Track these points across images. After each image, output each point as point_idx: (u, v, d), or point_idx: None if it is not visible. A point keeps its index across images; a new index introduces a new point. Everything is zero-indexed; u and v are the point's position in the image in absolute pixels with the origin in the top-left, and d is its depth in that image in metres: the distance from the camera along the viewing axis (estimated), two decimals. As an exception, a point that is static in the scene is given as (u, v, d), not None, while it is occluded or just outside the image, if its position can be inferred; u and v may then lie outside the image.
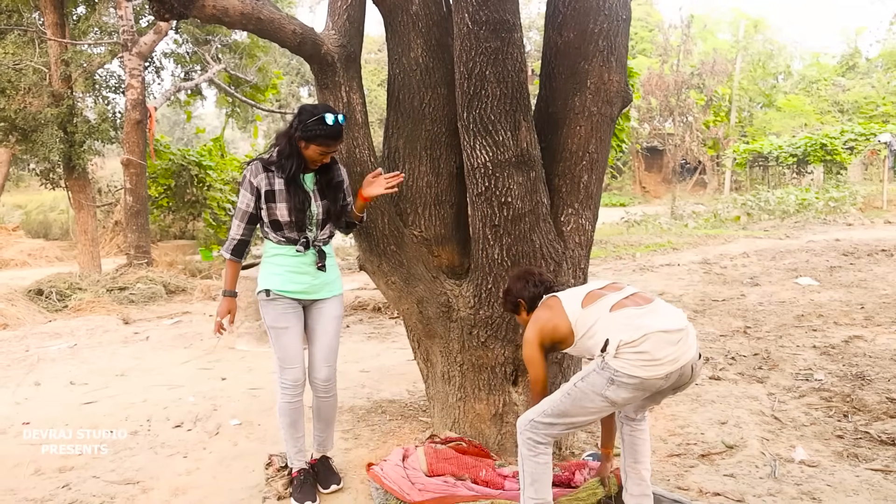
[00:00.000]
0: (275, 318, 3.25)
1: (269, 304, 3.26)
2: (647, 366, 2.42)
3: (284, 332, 3.25)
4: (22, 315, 8.32)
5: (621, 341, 2.44)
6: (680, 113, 26.40)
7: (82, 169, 12.95)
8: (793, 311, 6.82)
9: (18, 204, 27.98)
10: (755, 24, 35.64)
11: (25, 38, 13.17)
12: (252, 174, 3.18)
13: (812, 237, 12.54)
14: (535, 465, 2.67)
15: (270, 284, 3.24)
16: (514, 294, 2.97)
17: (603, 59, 3.52)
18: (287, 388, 3.28)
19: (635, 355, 2.42)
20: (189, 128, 35.85)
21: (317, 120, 3.04)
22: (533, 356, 2.80)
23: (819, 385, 4.62)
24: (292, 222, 3.17)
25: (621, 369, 2.43)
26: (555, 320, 2.74)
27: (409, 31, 3.60)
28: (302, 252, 3.23)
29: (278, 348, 3.26)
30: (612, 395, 2.47)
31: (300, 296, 3.28)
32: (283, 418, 3.34)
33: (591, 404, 2.53)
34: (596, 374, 2.51)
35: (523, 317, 2.97)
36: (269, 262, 3.28)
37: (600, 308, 2.62)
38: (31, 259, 17.14)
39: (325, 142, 3.07)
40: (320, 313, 3.35)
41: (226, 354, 6.31)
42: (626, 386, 2.45)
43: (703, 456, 3.63)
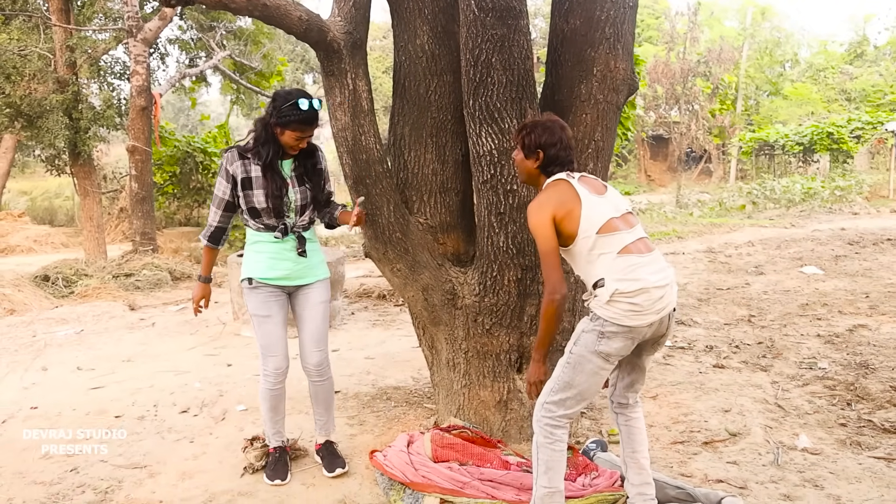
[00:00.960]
0: (257, 306, 3.28)
1: (251, 292, 3.29)
2: (636, 315, 2.50)
3: (266, 321, 3.28)
4: (29, 301, 8.37)
5: (617, 290, 2.50)
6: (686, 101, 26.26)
7: (87, 155, 12.98)
8: (797, 299, 6.81)
9: (24, 190, 28.07)
10: (762, 11, 35.37)
11: (30, 23, 13.16)
12: (228, 162, 3.20)
13: (817, 226, 12.50)
14: (550, 453, 2.67)
15: (252, 272, 3.27)
16: (539, 143, 2.72)
17: (609, 47, 3.51)
18: (269, 376, 3.33)
19: (628, 305, 2.50)
20: (194, 114, 35.81)
21: (290, 105, 3.05)
22: (544, 223, 2.59)
23: (823, 374, 4.63)
24: (269, 209, 3.19)
25: (611, 319, 2.51)
26: (570, 207, 2.59)
27: (415, 17, 3.59)
28: (280, 238, 3.25)
29: (260, 336, 3.29)
30: (604, 348, 2.53)
31: (282, 282, 3.30)
32: (265, 403, 3.40)
33: (590, 365, 2.57)
34: (586, 334, 2.57)
35: (528, 164, 2.77)
36: (250, 249, 3.32)
37: (612, 244, 2.58)
38: (37, 245, 17.21)
39: (299, 127, 3.08)
40: (306, 299, 3.37)
41: (231, 341, 6.34)
42: (615, 336, 2.52)
43: (707, 443, 3.65)
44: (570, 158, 2.75)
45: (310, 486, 3.33)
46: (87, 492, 3.33)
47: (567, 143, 2.74)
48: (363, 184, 3.50)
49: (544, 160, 2.73)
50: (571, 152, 2.76)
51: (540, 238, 2.59)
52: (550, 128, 2.73)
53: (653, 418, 4.01)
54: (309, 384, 3.48)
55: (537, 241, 2.61)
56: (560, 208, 2.59)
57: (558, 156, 2.72)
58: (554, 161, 2.73)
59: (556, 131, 2.73)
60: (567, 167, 2.74)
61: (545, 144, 2.71)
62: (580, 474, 3.20)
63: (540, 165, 2.75)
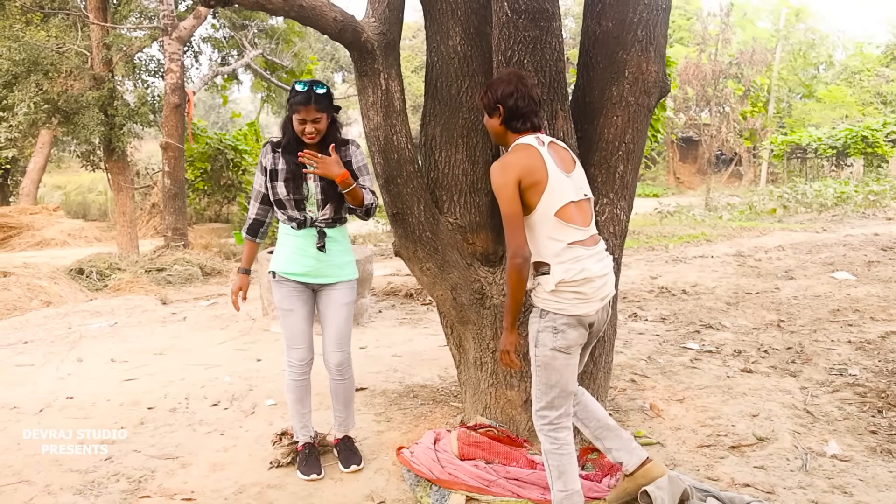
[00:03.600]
0: (280, 300, 3.38)
1: (276, 286, 3.39)
2: (582, 303, 2.60)
3: (289, 314, 3.37)
4: (64, 293, 8.56)
5: (563, 280, 2.58)
6: (717, 103, 26.03)
7: (122, 151, 13.22)
8: (828, 305, 6.74)
9: (58, 185, 28.65)
10: (797, 12, 34.89)
11: (68, 21, 13.43)
12: (262, 155, 3.36)
13: (850, 231, 12.31)
14: (559, 458, 2.72)
15: (275, 266, 3.38)
16: (497, 97, 2.68)
17: (642, 49, 3.51)
18: (293, 367, 3.42)
19: (573, 294, 2.59)
20: (224, 112, 36.24)
21: (291, 91, 3.21)
22: (509, 185, 2.55)
23: (853, 380, 4.58)
24: (290, 199, 3.28)
25: (560, 311, 2.60)
26: (537, 178, 2.58)
27: (448, 19, 3.62)
28: (296, 228, 3.32)
29: (284, 328, 3.40)
30: (562, 342, 2.62)
31: (303, 278, 3.35)
32: (290, 394, 3.47)
33: (557, 361, 2.65)
34: (542, 334, 2.65)
35: (494, 123, 2.75)
36: (279, 243, 3.43)
37: (564, 234, 2.62)
38: (71, 239, 17.53)
39: (295, 107, 3.17)
40: (329, 299, 3.42)
41: (261, 336, 6.43)
42: (568, 327, 2.62)
43: (734, 447, 3.64)
44: (531, 109, 2.70)
45: (337, 480, 3.38)
46: (122, 480, 3.42)
47: (526, 92, 2.67)
48: (394, 183, 3.54)
49: (506, 114, 2.69)
50: (533, 103, 2.70)
51: (504, 200, 2.57)
52: (506, 80, 2.70)
53: (679, 421, 4.00)
54: (329, 381, 3.54)
55: (501, 202, 2.58)
56: (528, 176, 2.57)
57: (517, 106, 2.67)
58: (515, 113, 2.68)
59: (511, 82, 2.68)
60: (530, 120, 2.70)
61: (503, 97, 2.67)
62: (606, 475, 3.21)
63: (503, 121, 2.71)
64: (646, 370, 4.94)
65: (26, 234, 17.28)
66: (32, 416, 4.33)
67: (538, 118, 2.73)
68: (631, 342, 5.72)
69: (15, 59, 11.90)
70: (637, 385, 4.62)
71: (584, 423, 3.01)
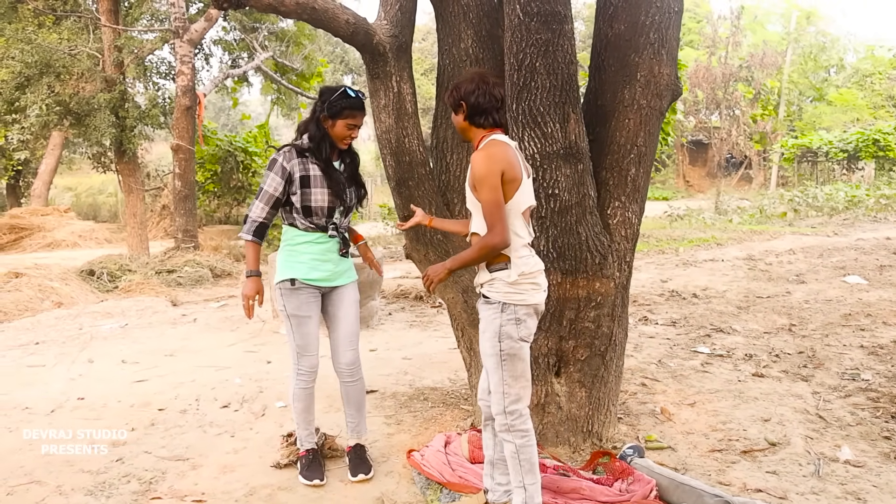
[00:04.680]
0: (297, 307, 3.28)
1: (292, 293, 3.28)
2: (536, 292, 2.76)
3: (307, 321, 3.30)
4: (75, 294, 8.61)
5: (523, 272, 2.71)
6: (727, 106, 25.89)
7: (132, 153, 13.28)
8: (840, 309, 6.70)
9: (69, 186, 28.81)
10: (807, 15, 34.73)
11: (80, 24, 13.51)
12: (285, 159, 3.20)
13: (861, 235, 12.25)
14: (530, 450, 2.77)
15: (296, 273, 3.27)
16: (461, 94, 2.77)
17: (654, 52, 3.51)
18: (303, 375, 3.37)
19: (529, 285, 2.74)
20: (234, 114, 36.35)
21: (340, 94, 3.14)
22: (495, 174, 2.62)
23: (866, 385, 4.55)
24: (326, 208, 3.23)
25: (520, 302, 2.72)
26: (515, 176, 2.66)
27: (460, 21, 3.62)
28: (334, 237, 3.30)
29: (299, 336, 3.32)
30: (525, 331, 2.74)
31: (322, 283, 3.33)
32: (298, 403, 3.42)
33: (521, 351, 2.76)
34: (505, 327, 2.72)
35: (458, 119, 2.82)
36: (293, 250, 3.31)
37: (523, 233, 2.75)
38: (81, 240, 17.63)
39: (351, 113, 3.15)
40: (340, 298, 3.41)
41: (270, 338, 6.44)
42: (528, 317, 2.75)
43: (745, 452, 3.62)
44: (494, 107, 2.76)
45: (348, 483, 3.37)
46: (133, 481, 3.42)
47: (487, 90, 2.74)
48: (406, 186, 3.55)
49: (468, 110, 2.76)
50: (494, 100, 2.76)
51: (490, 188, 2.62)
52: (469, 79, 2.79)
53: (690, 425, 3.98)
54: (340, 385, 3.50)
55: (485, 190, 2.63)
56: (509, 170, 2.66)
57: (479, 103, 2.73)
58: (477, 109, 2.75)
59: (474, 80, 2.77)
60: (492, 116, 2.76)
61: (465, 94, 2.76)
62: (617, 479, 3.19)
63: (466, 116, 2.78)
64: (656, 374, 4.93)
65: (37, 236, 17.40)
66: (44, 416, 4.35)
67: (499, 115, 2.80)
68: (641, 346, 5.70)
69: (27, 61, 11.98)
70: (648, 389, 4.60)
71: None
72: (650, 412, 4.18)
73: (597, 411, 3.65)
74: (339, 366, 3.44)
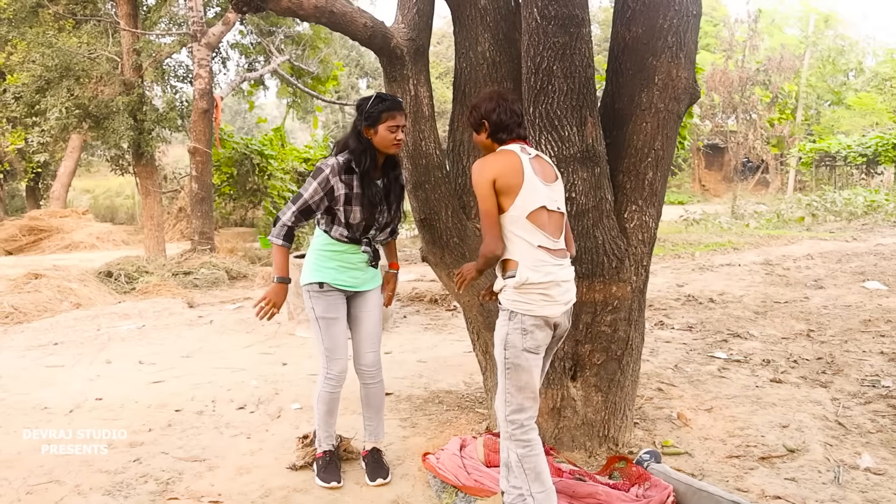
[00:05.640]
0: (326, 309, 3.30)
1: (320, 296, 3.30)
2: (548, 305, 2.71)
3: (334, 323, 3.32)
4: (93, 296, 8.67)
5: (528, 279, 2.68)
6: (744, 110, 25.71)
7: (150, 156, 13.38)
8: (859, 315, 6.63)
9: (87, 188, 29.07)
10: (826, 18, 34.42)
11: (100, 28, 13.65)
12: (332, 172, 3.15)
13: (881, 240, 12.11)
14: (534, 459, 2.76)
15: (325, 277, 3.29)
16: (481, 113, 2.83)
17: (672, 56, 3.49)
18: (331, 379, 3.36)
19: (539, 296, 2.70)
20: (250, 117, 36.57)
21: (375, 100, 3.13)
22: (484, 183, 2.69)
23: (886, 392, 4.50)
24: (363, 225, 3.24)
25: (527, 312, 2.69)
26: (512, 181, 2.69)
27: (477, 25, 3.62)
28: (367, 252, 3.32)
29: (327, 338, 3.32)
30: (531, 343, 2.71)
31: (350, 288, 3.35)
32: (322, 406, 3.42)
33: (526, 362, 2.73)
34: (511, 336, 2.72)
35: (482, 138, 2.88)
36: (322, 254, 3.31)
37: (534, 236, 2.72)
38: (99, 242, 17.76)
39: (391, 113, 3.11)
40: (364, 301, 3.43)
41: (286, 340, 6.46)
42: (536, 328, 2.71)
43: (764, 458, 3.59)
44: (516, 122, 2.82)
45: (363, 485, 3.38)
46: (150, 482, 3.45)
47: (508, 107, 2.81)
48: (422, 188, 3.55)
49: (491, 128, 2.82)
50: (516, 115, 2.82)
51: (479, 197, 2.72)
52: (488, 97, 2.86)
53: (707, 431, 3.95)
54: (360, 387, 3.52)
55: (478, 198, 2.73)
56: (502, 177, 2.69)
57: (501, 119, 2.79)
58: (500, 126, 2.81)
59: (493, 98, 2.83)
60: (515, 131, 2.82)
61: (486, 113, 2.81)
62: (633, 484, 3.18)
63: (489, 135, 2.84)
64: (673, 379, 4.90)
65: (56, 237, 17.55)
66: (63, 416, 4.38)
67: (522, 129, 2.86)
68: (657, 350, 5.67)
69: (48, 64, 12.10)
70: (664, 394, 4.57)
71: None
72: (667, 417, 4.16)
73: (613, 416, 3.63)
74: (361, 366, 3.46)
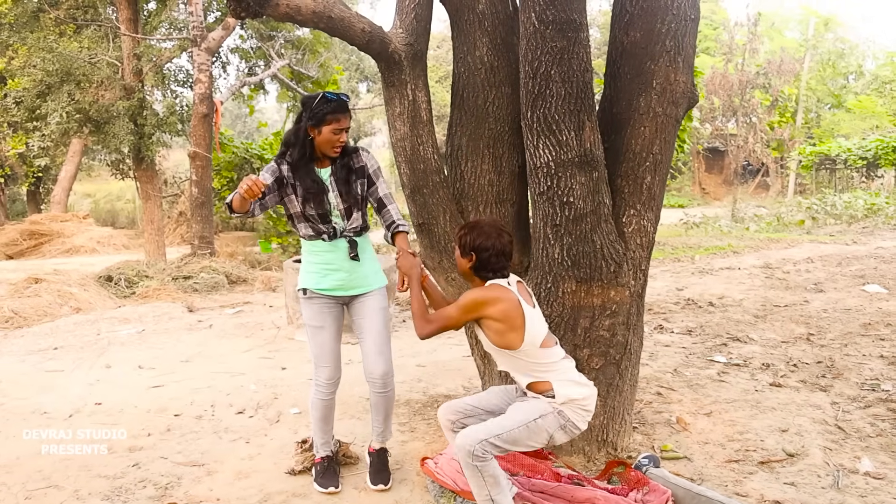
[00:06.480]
0: (311, 317, 3.32)
1: (306, 303, 3.32)
2: (585, 418, 2.81)
3: (319, 331, 3.31)
4: (93, 300, 8.68)
5: (571, 398, 2.75)
6: (744, 113, 25.75)
7: (150, 160, 13.40)
8: (859, 318, 6.62)
9: (88, 193, 29.11)
10: (826, 21, 34.47)
11: (100, 32, 13.68)
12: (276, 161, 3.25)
13: (881, 243, 12.11)
14: (493, 467, 2.75)
15: (307, 283, 3.31)
16: (474, 245, 2.82)
17: (670, 60, 3.50)
18: (321, 386, 3.36)
19: (582, 411, 2.78)
20: (250, 121, 36.59)
21: (320, 100, 3.10)
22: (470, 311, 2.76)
23: (887, 396, 4.49)
24: (314, 214, 3.22)
25: (574, 420, 2.76)
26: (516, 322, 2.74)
27: (475, 29, 3.63)
28: (327, 241, 3.26)
29: (313, 346, 3.33)
30: (558, 437, 2.78)
31: (337, 292, 3.31)
32: (315, 412, 3.42)
33: (538, 439, 2.77)
34: (552, 416, 2.75)
35: (464, 262, 2.87)
36: (305, 260, 3.35)
37: (553, 355, 2.83)
38: (100, 246, 17.79)
39: (335, 116, 3.08)
40: (363, 308, 3.37)
41: (285, 345, 6.46)
42: (570, 433, 2.79)
43: (763, 463, 3.58)
44: (502, 265, 2.84)
45: (362, 490, 3.37)
46: (149, 487, 3.44)
47: (502, 249, 2.82)
48: (420, 193, 3.56)
49: (477, 262, 2.83)
50: (505, 259, 2.84)
51: (463, 308, 2.76)
52: (487, 232, 2.83)
53: (707, 435, 3.95)
54: (371, 394, 3.44)
55: (459, 310, 2.76)
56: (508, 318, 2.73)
57: (489, 261, 2.81)
58: (486, 266, 2.82)
59: (492, 236, 2.81)
60: (499, 273, 2.84)
61: (479, 248, 2.81)
62: (632, 489, 3.17)
63: (472, 266, 2.85)
64: (672, 383, 4.89)
65: (57, 241, 17.58)
66: (62, 421, 4.38)
67: (506, 270, 2.88)
68: (657, 354, 5.67)
69: (48, 69, 12.14)
70: (663, 398, 4.56)
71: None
72: (666, 421, 4.15)
73: (612, 420, 3.63)
74: (371, 377, 3.37)
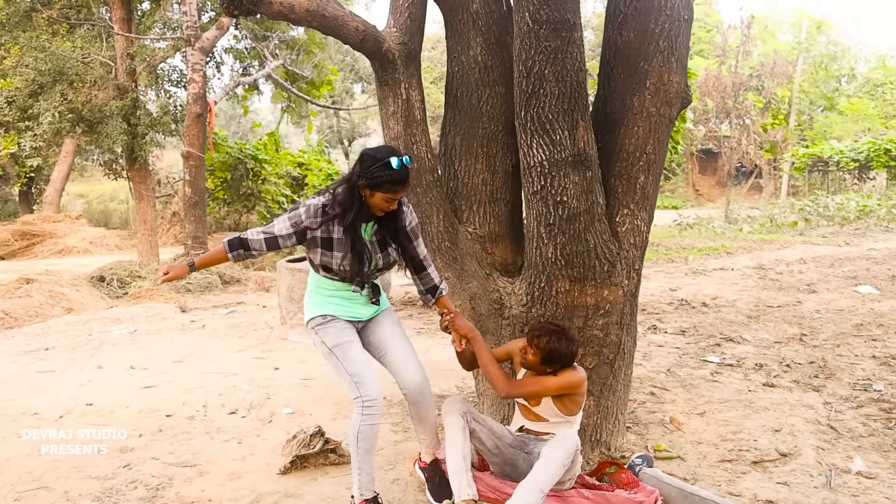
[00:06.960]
0: (336, 336, 3.03)
1: (326, 326, 3.05)
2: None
3: (350, 346, 3.03)
4: (85, 300, 8.64)
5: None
6: (737, 115, 25.80)
7: (143, 160, 13.36)
8: (851, 319, 6.64)
9: (81, 193, 29.00)
10: (818, 24, 34.64)
11: (94, 32, 13.62)
12: (307, 214, 2.90)
13: (873, 245, 12.17)
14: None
15: (327, 310, 3.06)
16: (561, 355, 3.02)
17: (663, 60, 3.50)
18: (370, 407, 2.96)
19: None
20: (245, 122, 36.52)
21: (382, 165, 2.79)
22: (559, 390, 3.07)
23: (878, 395, 4.50)
24: (345, 271, 2.98)
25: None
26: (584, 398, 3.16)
27: (469, 29, 3.63)
28: (359, 292, 3.08)
29: (349, 364, 2.99)
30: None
31: (356, 318, 3.13)
32: (363, 444, 2.98)
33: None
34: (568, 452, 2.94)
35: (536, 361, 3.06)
36: (318, 292, 3.11)
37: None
38: (93, 247, 17.72)
39: (391, 188, 2.81)
40: (378, 326, 3.21)
41: (278, 345, 6.44)
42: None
43: (756, 463, 3.58)
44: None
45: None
46: (140, 487, 3.42)
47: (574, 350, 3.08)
48: (414, 192, 3.55)
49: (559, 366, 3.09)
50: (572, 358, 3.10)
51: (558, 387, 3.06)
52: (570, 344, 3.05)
53: (700, 435, 3.95)
54: (410, 406, 3.25)
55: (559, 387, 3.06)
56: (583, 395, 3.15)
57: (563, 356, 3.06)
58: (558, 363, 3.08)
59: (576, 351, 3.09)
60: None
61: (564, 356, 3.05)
62: (624, 491, 3.17)
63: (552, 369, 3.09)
64: (665, 383, 4.89)
65: (49, 242, 17.50)
66: (53, 422, 4.35)
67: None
68: (650, 355, 5.67)
69: (41, 69, 12.07)
70: (657, 398, 4.57)
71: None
72: (659, 421, 4.15)
73: (605, 420, 3.63)
74: (409, 390, 3.17)
